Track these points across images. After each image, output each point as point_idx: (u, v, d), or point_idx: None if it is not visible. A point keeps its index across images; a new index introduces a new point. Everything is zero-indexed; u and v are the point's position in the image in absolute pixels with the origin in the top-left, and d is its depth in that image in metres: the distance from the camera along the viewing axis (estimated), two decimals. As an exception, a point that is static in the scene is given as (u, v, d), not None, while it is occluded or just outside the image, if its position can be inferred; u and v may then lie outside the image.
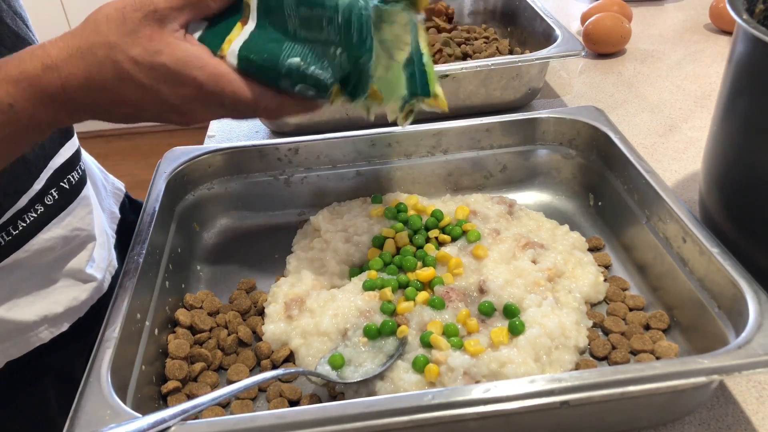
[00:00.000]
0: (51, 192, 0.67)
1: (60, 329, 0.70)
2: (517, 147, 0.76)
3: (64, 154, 0.68)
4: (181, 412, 0.44)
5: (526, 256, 0.64)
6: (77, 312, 0.72)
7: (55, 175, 0.67)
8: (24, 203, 0.64)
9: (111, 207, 0.82)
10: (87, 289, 0.72)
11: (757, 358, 0.44)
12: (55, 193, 0.67)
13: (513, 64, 0.85)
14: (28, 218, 0.64)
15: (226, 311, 0.62)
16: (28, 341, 0.68)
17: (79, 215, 0.70)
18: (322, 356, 0.56)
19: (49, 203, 0.66)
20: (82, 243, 0.71)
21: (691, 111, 0.94)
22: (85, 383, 0.47)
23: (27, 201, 0.64)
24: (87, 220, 0.71)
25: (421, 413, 0.43)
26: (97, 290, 0.73)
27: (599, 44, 1.09)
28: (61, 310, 0.69)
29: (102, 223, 0.76)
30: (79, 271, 0.71)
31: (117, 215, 0.83)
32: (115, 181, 0.87)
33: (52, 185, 0.67)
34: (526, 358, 0.53)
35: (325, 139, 0.74)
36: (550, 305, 0.57)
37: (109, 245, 0.77)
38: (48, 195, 0.66)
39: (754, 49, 0.54)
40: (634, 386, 0.43)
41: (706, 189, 0.64)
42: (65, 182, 0.68)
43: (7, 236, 0.63)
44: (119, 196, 0.85)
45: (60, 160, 0.68)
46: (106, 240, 0.76)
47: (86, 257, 0.72)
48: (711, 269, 0.54)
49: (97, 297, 0.73)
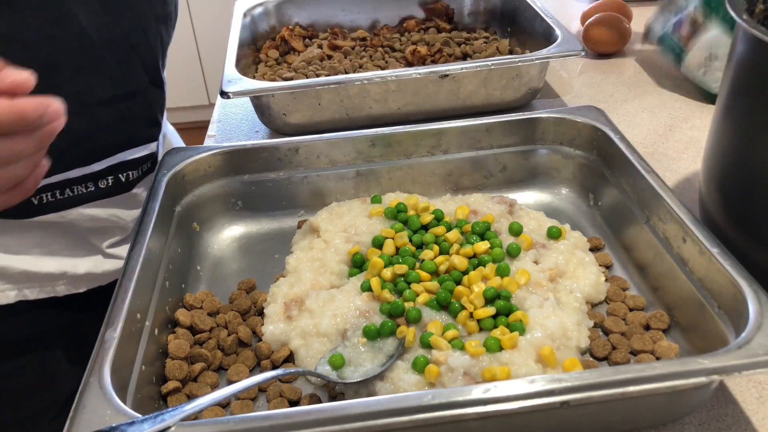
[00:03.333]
0: (107, 178, 0.71)
1: (77, 289, 0.74)
2: (517, 147, 0.76)
3: (136, 153, 0.73)
4: (181, 412, 0.44)
5: (528, 256, 0.64)
6: (97, 280, 0.76)
7: (118, 166, 0.71)
8: (76, 175, 0.68)
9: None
10: (110, 263, 0.76)
11: (757, 358, 0.44)
12: (110, 180, 0.71)
13: (513, 64, 0.85)
14: (77, 191, 0.69)
15: (226, 311, 0.62)
16: (42, 289, 0.72)
17: (124, 207, 0.75)
18: (322, 356, 0.56)
19: (101, 186, 0.71)
20: (116, 229, 0.76)
21: (691, 111, 0.94)
22: (85, 383, 0.47)
23: (80, 175, 0.68)
24: (128, 213, 0.76)
25: (421, 413, 0.43)
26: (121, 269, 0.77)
27: (599, 44, 1.09)
28: (81, 273, 0.74)
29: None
30: (102, 250, 0.75)
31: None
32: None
33: (110, 173, 0.71)
34: (527, 359, 0.53)
35: (325, 139, 0.74)
36: (551, 306, 0.57)
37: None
38: (103, 180, 0.71)
39: (754, 49, 0.54)
40: (634, 386, 0.43)
41: (706, 189, 0.64)
42: (123, 176, 0.72)
43: (51, 197, 0.67)
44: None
45: (130, 156, 0.72)
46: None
47: (111, 240, 0.76)
48: (711, 269, 0.54)
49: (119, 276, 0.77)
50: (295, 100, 0.85)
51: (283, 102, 0.85)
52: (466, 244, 0.65)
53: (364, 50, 1.04)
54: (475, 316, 0.57)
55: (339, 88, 0.84)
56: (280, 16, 1.12)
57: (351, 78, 0.83)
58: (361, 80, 0.82)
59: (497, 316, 0.57)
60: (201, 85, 2.87)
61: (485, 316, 0.56)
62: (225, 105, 1.01)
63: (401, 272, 0.62)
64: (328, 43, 1.05)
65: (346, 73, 0.95)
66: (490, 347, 0.53)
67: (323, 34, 1.11)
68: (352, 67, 0.97)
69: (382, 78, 0.83)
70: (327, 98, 0.85)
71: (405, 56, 1.00)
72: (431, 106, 0.89)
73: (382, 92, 0.86)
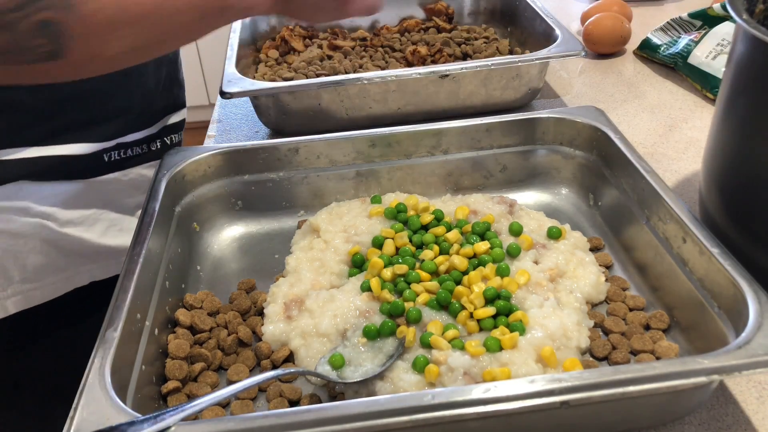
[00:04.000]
0: (156, 141, 0.80)
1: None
2: (517, 147, 0.76)
3: (175, 118, 0.83)
4: (181, 412, 0.44)
5: (529, 256, 0.64)
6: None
7: (165, 130, 0.81)
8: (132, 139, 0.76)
9: None
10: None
11: (757, 358, 0.44)
12: (159, 143, 0.80)
13: (513, 64, 0.85)
14: (133, 152, 0.77)
15: (226, 311, 0.62)
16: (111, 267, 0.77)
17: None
18: (322, 356, 0.56)
19: (153, 149, 0.80)
20: None
21: (691, 111, 0.94)
22: (85, 383, 0.47)
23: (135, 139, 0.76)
24: None
25: (421, 413, 0.43)
26: None
27: (599, 44, 1.09)
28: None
29: None
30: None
31: None
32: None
33: (159, 136, 0.80)
34: (527, 359, 0.53)
35: (325, 139, 0.74)
36: (551, 306, 0.57)
37: None
38: (154, 142, 0.80)
39: (754, 49, 0.54)
40: (634, 386, 0.43)
41: (706, 189, 0.64)
42: (168, 139, 0.82)
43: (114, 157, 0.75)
44: None
45: (173, 119, 0.82)
46: None
47: None
48: (711, 269, 0.54)
49: None
50: (295, 100, 0.85)
51: (283, 102, 0.85)
52: (466, 244, 0.65)
53: (364, 50, 1.04)
54: (475, 316, 0.57)
55: (339, 88, 0.84)
56: (280, 16, 1.12)
57: (351, 78, 0.83)
58: (361, 80, 0.82)
59: (497, 316, 0.57)
60: (201, 85, 2.87)
61: (485, 316, 0.56)
62: (225, 105, 1.01)
63: (401, 272, 0.61)
64: (328, 43, 1.05)
65: (346, 73, 0.95)
66: (490, 347, 0.53)
67: (323, 34, 1.11)
68: (352, 67, 0.97)
69: (382, 78, 0.83)
70: (327, 98, 0.85)
71: (405, 56, 1.00)
72: (431, 106, 0.89)
73: (382, 92, 0.86)
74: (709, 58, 0.95)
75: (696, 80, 0.97)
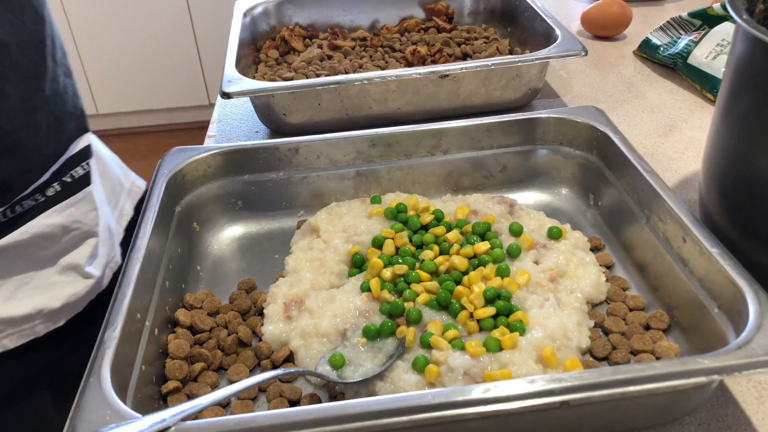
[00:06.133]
0: (53, 185, 0.68)
1: (56, 324, 0.70)
2: (517, 147, 0.76)
3: (73, 149, 0.70)
4: (181, 412, 0.44)
5: (529, 256, 0.64)
6: (75, 308, 0.71)
7: (60, 169, 0.68)
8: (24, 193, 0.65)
9: (124, 205, 0.83)
10: (86, 285, 0.72)
11: (757, 358, 0.44)
12: (58, 186, 0.68)
13: (513, 64, 0.85)
14: (27, 205, 0.65)
15: (226, 311, 0.62)
16: (21, 334, 0.67)
17: (82, 209, 0.70)
18: (322, 356, 0.56)
19: (50, 195, 0.67)
20: (83, 238, 0.71)
21: (691, 111, 0.94)
22: (85, 383, 0.47)
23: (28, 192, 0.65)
24: (90, 216, 0.71)
25: (421, 413, 0.43)
26: (96, 287, 0.73)
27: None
28: (59, 305, 0.69)
29: (107, 220, 0.76)
30: (78, 266, 0.71)
31: (129, 213, 0.83)
32: (137, 179, 0.88)
33: (54, 179, 0.68)
34: (527, 360, 0.53)
35: (325, 139, 0.74)
36: (552, 306, 0.57)
37: (113, 242, 0.77)
38: (50, 188, 0.67)
39: (754, 49, 0.54)
40: (635, 386, 0.43)
41: (706, 189, 0.64)
42: (68, 177, 0.69)
43: (2, 217, 0.63)
44: (137, 195, 0.86)
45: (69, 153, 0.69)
46: (109, 237, 0.76)
47: (86, 253, 0.71)
48: (711, 269, 0.54)
49: (95, 293, 0.73)
50: (295, 100, 0.85)
51: (283, 102, 0.85)
52: (466, 244, 0.65)
53: (364, 50, 1.04)
54: (476, 316, 0.57)
55: (339, 88, 0.84)
56: (280, 16, 1.12)
57: (351, 78, 0.83)
58: (361, 80, 0.82)
59: (497, 316, 0.57)
60: (201, 85, 2.87)
61: (485, 317, 0.56)
62: (225, 105, 1.01)
63: (401, 272, 0.61)
64: (328, 43, 1.05)
65: (346, 73, 0.95)
66: (490, 347, 0.53)
67: (323, 34, 1.11)
68: (352, 67, 0.97)
69: (382, 78, 0.83)
70: (327, 98, 0.85)
71: (405, 56, 1.00)
72: (431, 106, 0.89)
73: (382, 92, 0.86)
74: (708, 58, 0.95)
75: (696, 81, 0.97)
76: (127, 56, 2.75)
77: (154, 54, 2.75)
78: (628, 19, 1.13)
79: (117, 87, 2.82)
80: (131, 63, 2.76)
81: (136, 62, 2.76)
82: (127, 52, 2.74)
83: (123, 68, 2.77)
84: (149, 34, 2.70)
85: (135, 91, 2.85)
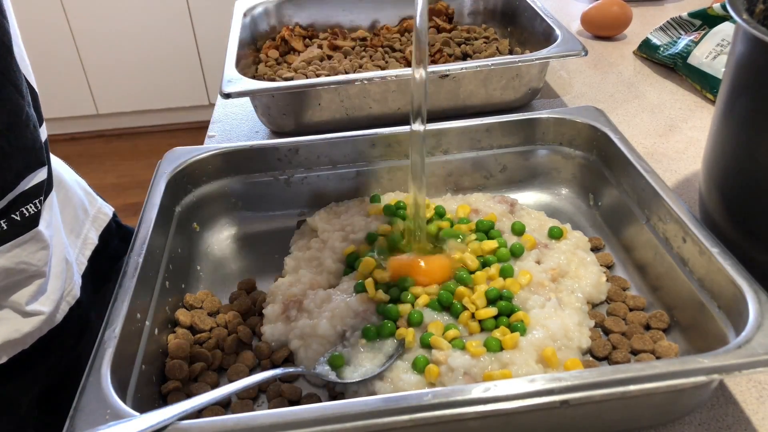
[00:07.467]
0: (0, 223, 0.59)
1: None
2: (517, 147, 0.76)
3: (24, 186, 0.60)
4: (180, 412, 0.44)
5: (531, 256, 0.63)
6: (19, 344, 0.65)
7: (8, 207, 0.59)
8: None
9: (88, 233, 0.78)
10: (30, 323, 0.66)
11: (757, 357, 0.44)
12: (4, 224, 0.59)
13: (513, 64, 0.85)
14: None
15: (226, 311, 0.62)
16: None
17: (30, 250, 0.63)
18: (322, 356, 0.56)
19: None
20: (29, 278, 0.65)
21: (691, 111, 0.94)
22: (85, 383, 0.47)
23: None
24: (39, 256, 0.64)
25: (421, 413, 0.43)
26: (47, 322, 0.67)
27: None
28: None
29: (64, 252, 0.70)
30: (18, 305, 0.64)
31: (93, 242, 0.79)
32: (103, 206, 0.83)
33: (2, 217, 0.59)
34: (528, 360, 0.53)
35: (325, 139, 0.74)
36: (553, 306, 0.57)
37: (70, 274, 0.72)
38: None
39: (754, 49, 0.54)
40: (635, 386, 0.43)
41: (706, 189, 0.64)
42: (17, 214, 0.60)
43: None
44: (102, 222, 0.81)
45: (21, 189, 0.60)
46: (64, 270, 0.70)
47: (29, 293, 0.65)
48: (711, 269, 0.54)
49: (47, 329, 0.68)
50: (295, 100, 0.85)
51: (283, 102, 0.85)
52: (473, 241, 0.64)
53: (364, 50, 1.04)
54: (477, 316, 0.57)
55: (339, 88, 0.84)
56: (280, 16, 1.12)
57: (351, 78, 0.83)
58: (361, 80, 0.82)
59: (499, 316, 0.57)
60: (201, 85, 2.87)
61: (487, 317, 0.56)
62: (225, 105, 1.01)
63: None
64: (328, 43, 1.05)
65: (346, 73, 0.95)
66: (490, 347, 0.53)
67: (323, 34, 1.11)
68: (352, 67, 0.97)
69: (382, 78, 0.83)
70: (327, 98, 0.85)
71: (405, 56, 1.00)
72: (431, 106, 0.88)
73: (382, 92, 0.86)
74: (708, 58, 0.95)
75: (696, 81, 0.97)
76: (127, 56, 2.75)
77: (154, 54, 2.75)
78: (628, 19, 1.14)
79: (117, 87, 2.82)
80: (131, 63, 2.76)
81: (136, 62, 2.77)
82: (127, 52, 2.74)
83: (123, 68, 2.77)
84: (149, 34, 2.71)
85: (135, 91, 2.85)
